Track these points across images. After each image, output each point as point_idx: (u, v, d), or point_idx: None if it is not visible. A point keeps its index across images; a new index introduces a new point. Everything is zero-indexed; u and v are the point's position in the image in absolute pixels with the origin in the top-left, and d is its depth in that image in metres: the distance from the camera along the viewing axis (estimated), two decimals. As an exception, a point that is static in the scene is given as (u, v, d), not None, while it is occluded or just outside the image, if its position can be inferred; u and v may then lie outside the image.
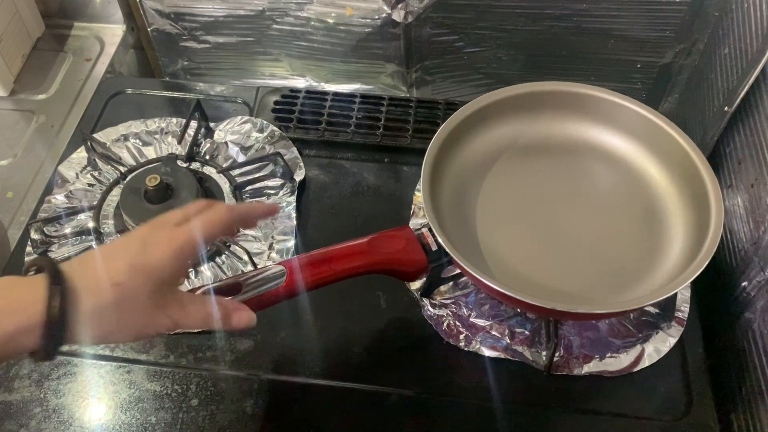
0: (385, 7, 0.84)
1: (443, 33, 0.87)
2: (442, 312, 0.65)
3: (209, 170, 0.76)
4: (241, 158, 0.78)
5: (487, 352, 0.63)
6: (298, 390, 0.62)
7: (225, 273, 0.68)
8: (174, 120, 0.81)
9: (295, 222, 0.72)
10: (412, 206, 0.74)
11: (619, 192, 0.68)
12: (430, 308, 0.66)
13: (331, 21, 0.88)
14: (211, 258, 0.69)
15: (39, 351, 0.41)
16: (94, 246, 0.70)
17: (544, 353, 0.62)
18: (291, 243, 0.71)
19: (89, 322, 0.42)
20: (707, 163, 0.62)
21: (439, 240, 0.58)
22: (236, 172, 0.76)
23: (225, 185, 0.75)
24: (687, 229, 0.63)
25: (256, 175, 0.76)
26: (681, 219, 0.64)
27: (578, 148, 0.70)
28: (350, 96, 0.85)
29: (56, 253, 0.70)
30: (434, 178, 0.64)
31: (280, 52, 0.94)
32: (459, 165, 0.68)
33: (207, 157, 0.78)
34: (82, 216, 0.72)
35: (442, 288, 0.67)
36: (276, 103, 0.84)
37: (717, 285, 0.68)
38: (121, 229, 0.71)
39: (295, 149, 0.79)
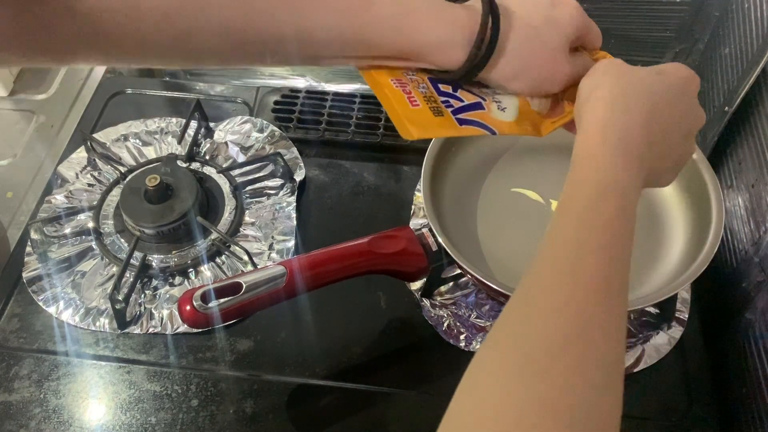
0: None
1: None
2: (443, 312, 0.65)
3: (209, 170, 0.76)
4: (241, 158, 0.78)
5: (488, 353, 0.63)
6: (298, 390, 0.62)
7: (225, 273, 0.68)
8: (174, 120, 0.81)
9: (295, 222, 0.72)
10: (412, 206, 0.74)
11: (620, 192, 0.68)
12: (430, 309, 0.66)
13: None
14: (211, 258, 0.69)
15: (459, 69, 0.47)
16: (94, 246, 0.70)
17: (544, 353, 0.62)
18: (291, 243, 0.71)
19: (508, 52, 0.47)
20: (708, 164, 0.62)
21: (440, 240, 0.58)
22: (236, 172, 0.76)
23: (225, 185, 0.75)
24: (687, 229, 0.63)
25: (256, 175, 0.76)
26: (681, 219, 0.64)
27: (578, 148, 0.70)
28: (350, 96, 0.85)
29: (56, 253, 0.70)
30: (434, 178, 0.64)
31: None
32: (459, 165, 0.68)
33: (207, 157, 0.78)
34: (82, 216, 0.72)
35: (442, 288, 0.67)
36: (276, 103, 0.84)
37: (717, 285, 0.68)
38: (121, 230, 0.71)
39: (295, 149, 0.79)
